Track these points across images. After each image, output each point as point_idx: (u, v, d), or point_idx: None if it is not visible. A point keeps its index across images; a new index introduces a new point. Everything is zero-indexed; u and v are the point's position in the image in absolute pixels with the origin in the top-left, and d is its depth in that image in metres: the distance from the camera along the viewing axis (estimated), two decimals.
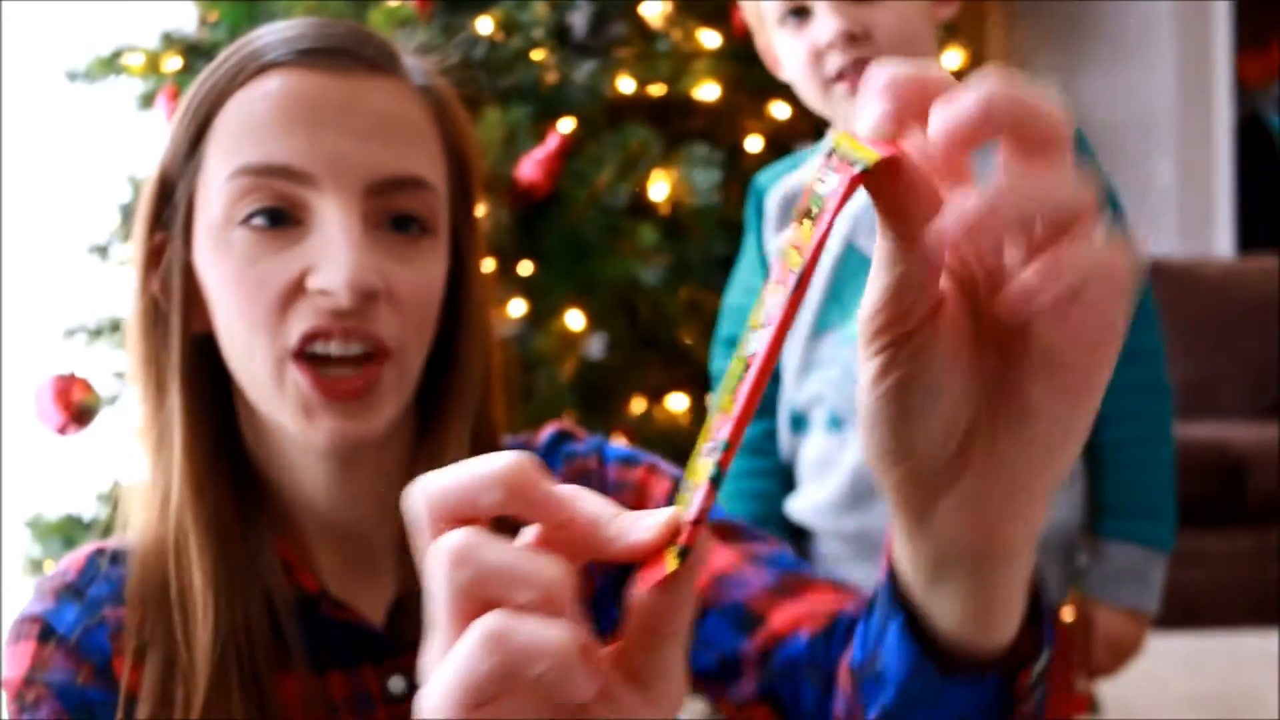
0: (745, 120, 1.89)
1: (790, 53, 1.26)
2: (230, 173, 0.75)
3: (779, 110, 1.87)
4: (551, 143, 1.71)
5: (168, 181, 0.80)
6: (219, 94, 0.77)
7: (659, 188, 1.75)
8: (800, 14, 1.24)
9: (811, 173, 0.44)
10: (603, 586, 0.85)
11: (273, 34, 0.79)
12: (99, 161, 2.13)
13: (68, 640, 0.78)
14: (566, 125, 1.77)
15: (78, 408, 1.95)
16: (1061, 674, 1.33)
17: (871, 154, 0.42)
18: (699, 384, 1.82)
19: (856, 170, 0.42)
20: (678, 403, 1.83)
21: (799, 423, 1.33)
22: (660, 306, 1.87)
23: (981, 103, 0.39)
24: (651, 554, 0.42)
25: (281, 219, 0.75)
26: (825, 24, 1.21)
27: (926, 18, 1.26)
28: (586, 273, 1.73)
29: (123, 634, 0.78)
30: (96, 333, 1.97)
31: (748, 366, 0.45)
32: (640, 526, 0.42)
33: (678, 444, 1.69)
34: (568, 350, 1.74)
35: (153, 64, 2.00)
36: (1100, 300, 0.41)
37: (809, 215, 0.44)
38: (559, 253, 1.74)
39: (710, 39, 1.86)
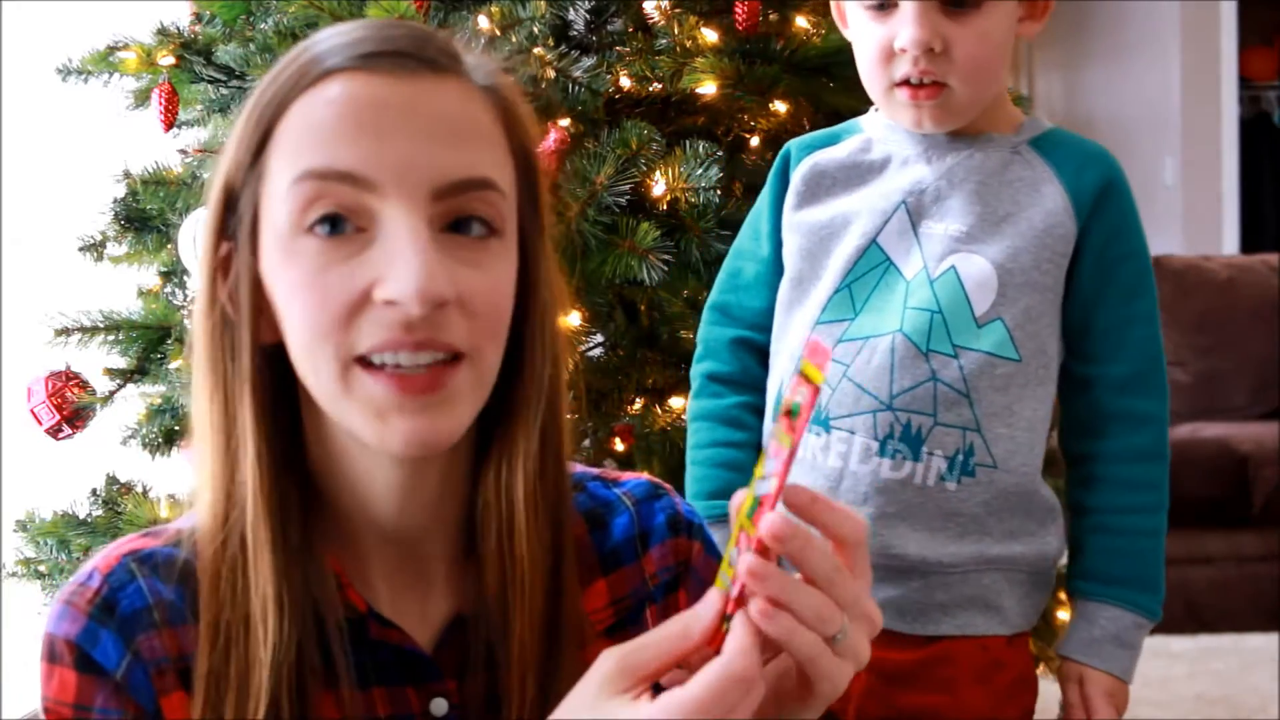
0: (746, 117, 1.87)
1: (863, 36, 1.22)
2: (294, 178, 0.74)
3: (780, 107, 1.86)
4: (550, 140, 1.70)
5: (232, 190, 0.79)
6: (281, 101, 0.77)
7: (659, 185, 1.74)
8: (885, 6, 1.19)
9: (789, 385, 0.69)
10: None
11: (333, 38, 0.78)
12: (93, 159, 2.11)
13: (112, 677, 0.77)
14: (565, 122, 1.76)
15: (73, 407, 1.94)
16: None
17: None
18: None
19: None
20: (678, 402, 1.82)
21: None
22: (660, 306, 1.86)
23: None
24: (716, 635, 0.69)
25: (345, 226, 0.74)
26: (906, 29, 1.17)
27: (1006, 43, 1.22)
28: (586, 271, 1.72)
29: (164, 670, 0.78)
30: (91, 331, 1.96)
31: (759, 504, 0.68)
32: (699, 620, 0.69)
33: (678, 444, 1.68)
34: (567, 349, 1.72)
35: (146, 60, 1.99)
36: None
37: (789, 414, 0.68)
38: (558, 251, 1.73)
39: (711, 36, 1.85)
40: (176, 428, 1.91)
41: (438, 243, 0.75)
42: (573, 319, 1.74)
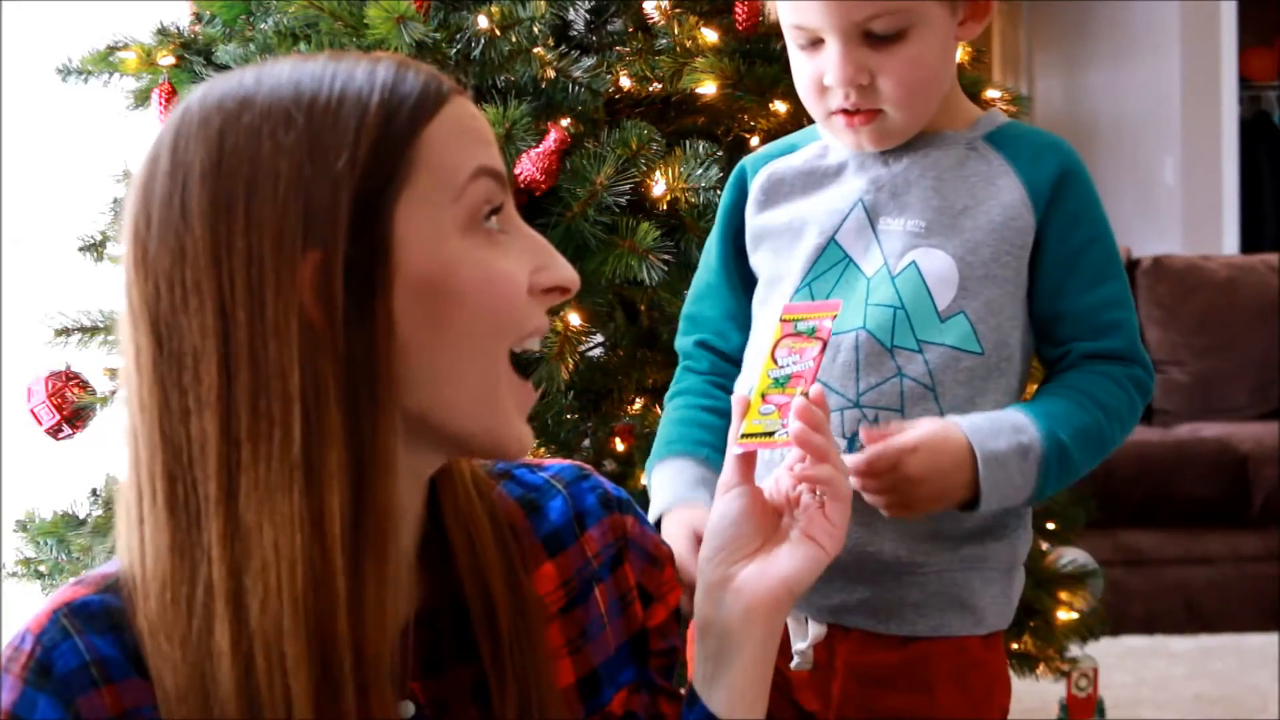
0: (746, 117, 1.88)
1: (797, 67, 1.23)
2: (470, 174, 0.79)
3: (780, 107, 1.86)
4: (550, 140, 1.70)
5: (364, 198, 0.76)
6: (425, 111, 0.79)
7: (659, 185, 1.74)
8: (815, 42, 1.20)
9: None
10: (607, 661, 0.90)
11: (419, 67, 0.82)
12: (93, 159, 2.11)
13: None
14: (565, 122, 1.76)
15: (73, 407, 1.94)
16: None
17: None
18: None
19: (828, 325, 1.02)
20: None
21: None
22: (660, 306, 1.86)
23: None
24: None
25: (497, 221, 0.82)
26: (833, 67, 1.17)
27: (942, 57, 1.21)
28: (586, 271, 1.72)
29: None
30: (91, 331, 1.96)
31: (789, 379, 0.97)
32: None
33: None
34: (567, 349, 1.72)
35: (146, 60, 1.99)
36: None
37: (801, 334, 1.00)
38: (558, 251, 1.73)
39: (711, 36, 1.85)
40: None
41: None
42: (573, 319, 1.74)
